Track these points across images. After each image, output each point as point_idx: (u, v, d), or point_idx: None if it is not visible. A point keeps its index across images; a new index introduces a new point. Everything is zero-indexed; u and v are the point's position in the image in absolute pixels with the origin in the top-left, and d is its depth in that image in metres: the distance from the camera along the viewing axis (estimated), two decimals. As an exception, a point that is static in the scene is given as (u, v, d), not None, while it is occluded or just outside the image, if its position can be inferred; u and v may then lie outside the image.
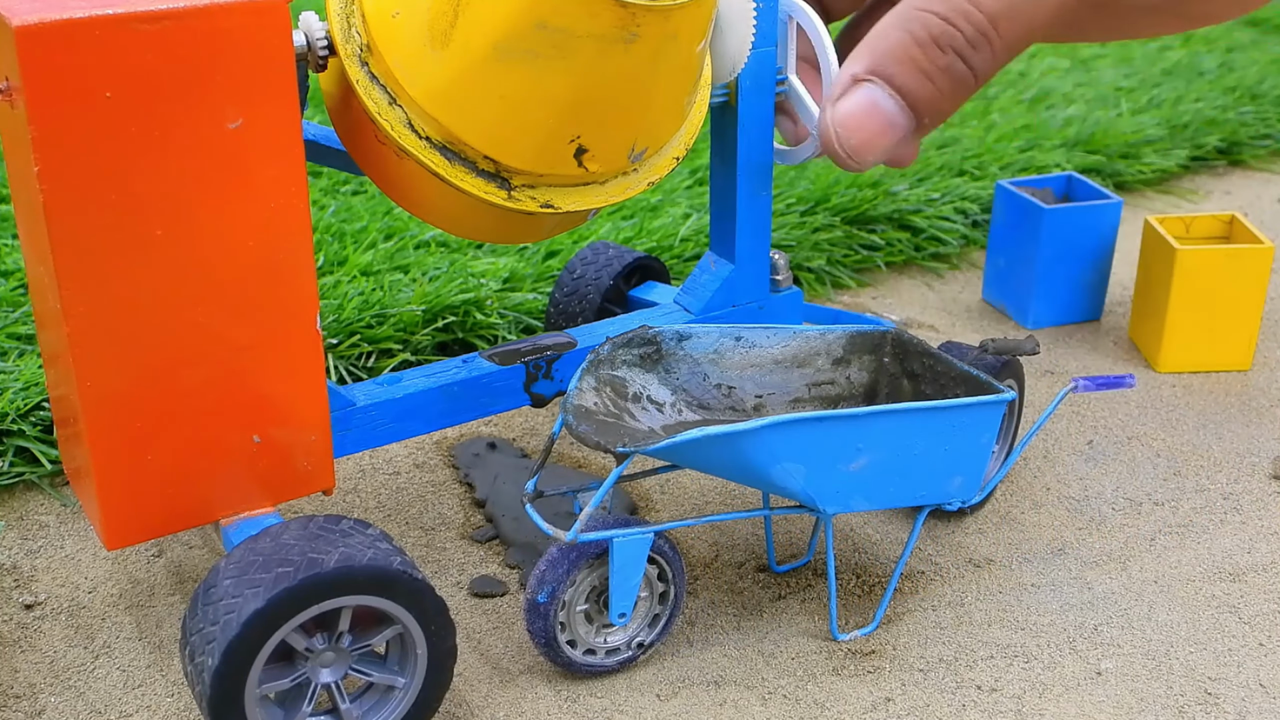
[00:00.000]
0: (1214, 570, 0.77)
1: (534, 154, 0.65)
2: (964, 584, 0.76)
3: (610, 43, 0.60)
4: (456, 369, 0.74)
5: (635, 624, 0.68)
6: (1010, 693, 0.68)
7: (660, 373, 0.71)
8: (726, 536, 0.80)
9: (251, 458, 0.63)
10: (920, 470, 0.68)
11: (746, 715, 0.66)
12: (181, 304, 0.59)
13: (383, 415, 0.71)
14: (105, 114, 0.55)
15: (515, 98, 0.62)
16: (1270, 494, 0.85)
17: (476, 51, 0.61)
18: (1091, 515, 0.82)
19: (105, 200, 0.56)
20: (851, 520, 0.81)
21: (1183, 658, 0.70)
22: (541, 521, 0.65)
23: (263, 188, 0.59)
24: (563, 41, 0.60)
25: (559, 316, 0.92)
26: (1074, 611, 0.74)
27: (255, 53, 0.57)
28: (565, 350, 0.74)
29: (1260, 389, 0.97)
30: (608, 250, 0.93)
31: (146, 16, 0.54)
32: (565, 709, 0.66)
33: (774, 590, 0.75)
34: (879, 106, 0.49)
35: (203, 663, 0.57)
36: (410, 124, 0.63)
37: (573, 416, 0.66)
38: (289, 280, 0.61)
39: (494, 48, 0.60)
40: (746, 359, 0.73)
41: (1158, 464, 0.88)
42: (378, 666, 0.62)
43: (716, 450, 0.63)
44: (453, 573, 0.76)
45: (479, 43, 0.61)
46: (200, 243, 0.59)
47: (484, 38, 0.60)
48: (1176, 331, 0.98)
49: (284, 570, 0.58)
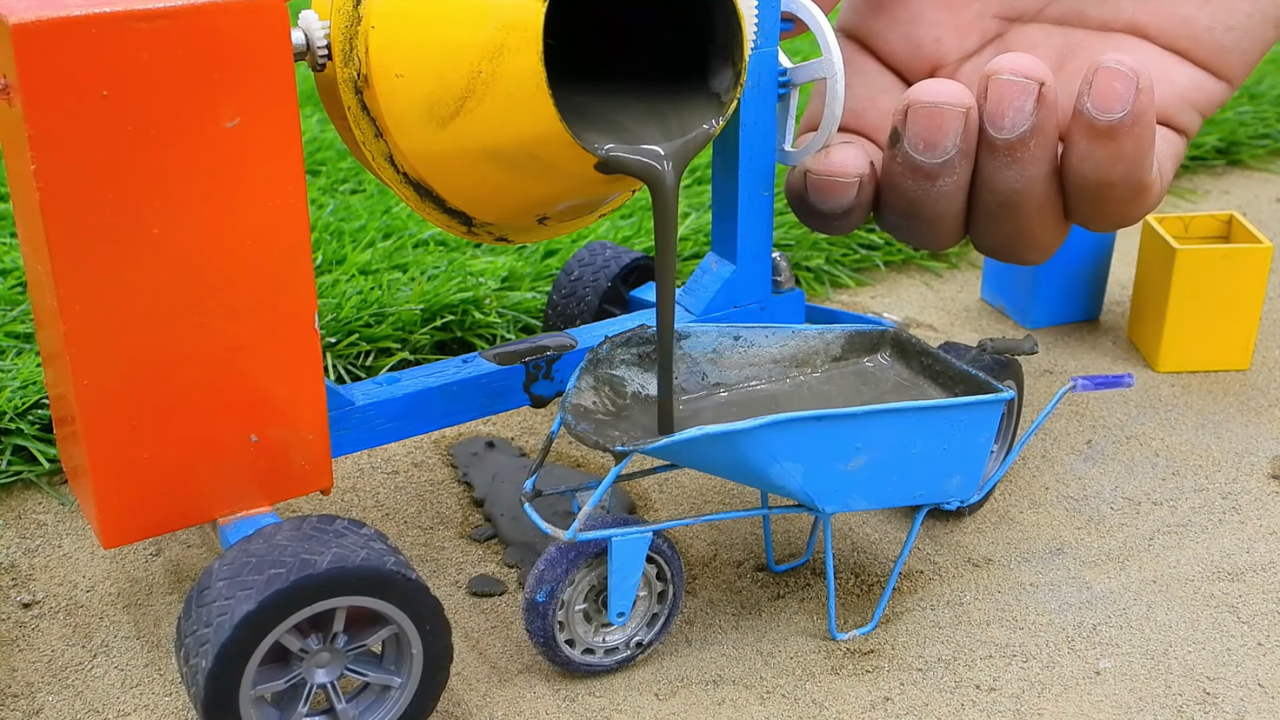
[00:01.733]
0: (1213, 570, 0.77)
1: (502, 219, 0.70)
2: (962, 583, 0.76)
3: (590, 179, 0.64)
4: (456, 369, 0.74)
5: (634, 623, 0.68)
6: (1009, 692, 0.68)
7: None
8: (725, 536, 0.80)
9: (249, 457, 0.63)
10: (919, 469, 0.68)
11: (745, 714, 0.66)
12: (178, 303, 0.59)
13: (381, 415, 0.71)
14: (102, 112, 0.55)
15: (496, 187, 0.66)
16: (1269, 493, 0.84)
17: (469, 147, 0.63)
18: (1090, 515, 0.82)
19: (102, 199, 0.56)
20: (850, 520, 0.81)
21: (1181, 657, 0.70)
22: (540, 521, 0.65)
23: (260, 187, 0.59)
24: (549, 169, 0.63)
25: (557, 319, 0.92)
26: (1072, 611, 0.74)
27: (253, 52, 0.57)
28: (565, 351, 0.74)
29: (1259, 389, 0.97)
30: (605, 251, 0.93)
31: (144, 15, 0.54)
32: (564, 708, 0.66)
33: (773, 589, 0.75)
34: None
35: (197, 664, 0.57)
36: (391, 158, 0.66)
37: (571, 415, 0.66)
38: (286, 279, 0.61)
39: (486, 152, 0.63)
40: (745, 358, 0.73)
41: (1156, 463, 0.88)
42: (373, 666, 0.62)
43: (715, 449, 0.63)
44: (451, 572, 0.76)
45: (473, 142, 0.63)
46: (197, 242, 0.59)
47: (479, 141, 0.63)
48: (1175, 331, 0.98)
49: (276, 572, 0.57)
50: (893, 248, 1.18)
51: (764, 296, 0.80)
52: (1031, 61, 0.67)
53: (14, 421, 0.82)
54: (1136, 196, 0.71)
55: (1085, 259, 1.06)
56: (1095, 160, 0.69)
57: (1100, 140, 0.68)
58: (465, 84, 0.60)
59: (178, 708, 0.66)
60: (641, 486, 0.85)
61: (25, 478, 0.82)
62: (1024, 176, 0.70)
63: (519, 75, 0.59)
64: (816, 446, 0.64)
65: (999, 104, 0.67)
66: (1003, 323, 1.08)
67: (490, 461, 0.86)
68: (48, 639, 0.70)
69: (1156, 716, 0.66)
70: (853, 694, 0.67)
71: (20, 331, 0.92)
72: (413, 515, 0.81)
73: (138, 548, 0.78)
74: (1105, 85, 0.66)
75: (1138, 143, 0.68)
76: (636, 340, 0.71)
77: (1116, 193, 0.70)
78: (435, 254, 1.07)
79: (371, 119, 0.65)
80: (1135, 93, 0.66)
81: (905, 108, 0.69)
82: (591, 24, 0.69)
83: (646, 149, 0.64)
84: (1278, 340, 1.04)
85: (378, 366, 0.95)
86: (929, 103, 0.68)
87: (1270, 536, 0.80)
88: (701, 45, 0.67)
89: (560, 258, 1.07)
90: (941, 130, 0.68)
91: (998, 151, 0.69)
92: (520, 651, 0.70)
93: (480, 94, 0.60)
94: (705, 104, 0.67)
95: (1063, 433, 0.91)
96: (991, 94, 0.68)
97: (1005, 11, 0.79)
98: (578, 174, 0.63)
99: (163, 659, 0.69)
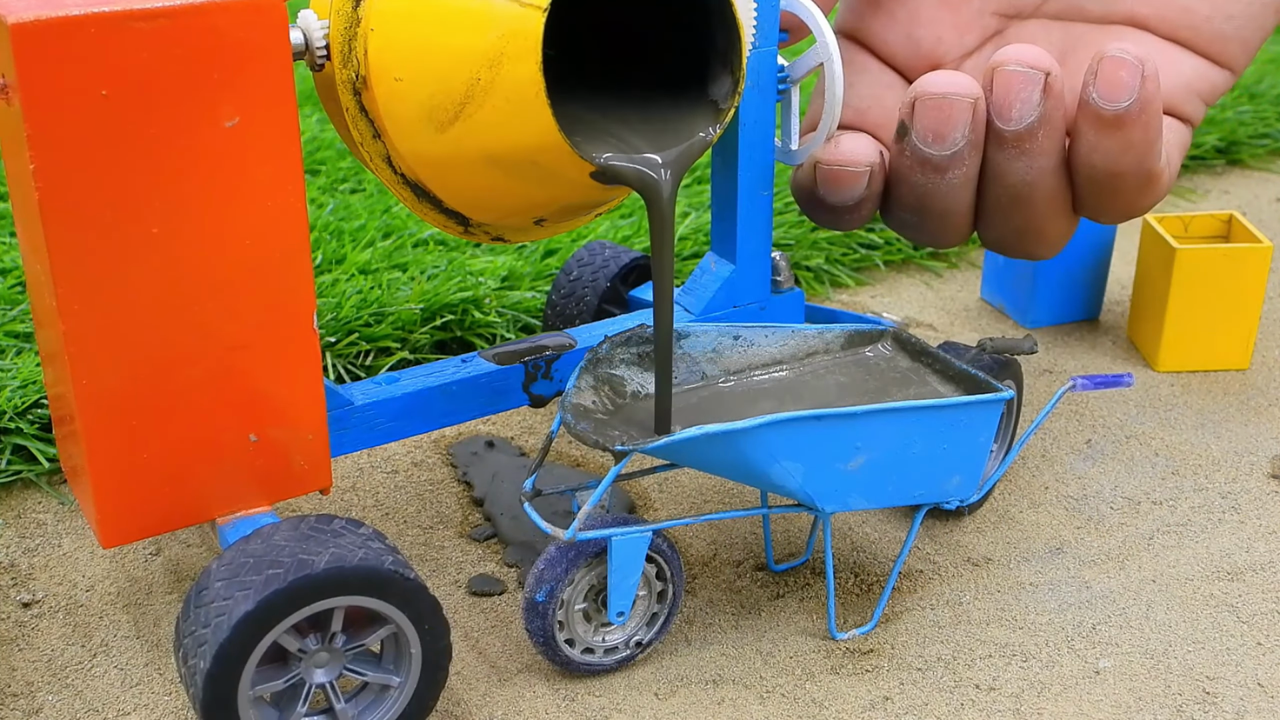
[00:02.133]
0: (1212, 569, 0.77)
1: (499, 220, 0.70)
2: (962, 583, 0.76)
3: (588, 184, 0.64)
4: (455, 368, 0.74)
5: (633, 623, 0.68)
6: (1008, 691, 0.68)
7: (658, 371, 0.71)
8: (725, 535, 0.80)
9: (248, 457, 0.63)
10: (918, 469, 0.68)
11: (744, 714, 0.66)
12: (177, 302, 0.59)
13: (380, 414, 0.71)
14: (101, 112, 0.55)
15: (494, 190, 0.66)
16: (1268, 493, 0.84)
17: (467, 151, 0.63)
18: (1090, 514, 0.82)
19: (101, 198, 0.56)
20: (850, 519, 0.81)
21: (1181, 657, 0.70)
22: (540, 520, 0.65)
23: (259, 186, 0.59)
24: (547, 175, 0.63)
25: (556, 319, 0.92)
26: (1072, 610, 0.74)
27: (252, 51, 0.57)
28: (565, 350, 0.74)
29: (1259, 388, 0.97)
30: (604, 251, 0.93)
31: (143, 14, 0.54)
32: (563, 708, 0.66)
33: (772, 589, 0.75)
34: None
35: (195, 665, 0.57)
36: (389, 159, 0.66)
37: (571, 415, 0.66)
38: (286, 279, 0.61)
39: (484, 157, 0.63)
40: (744, 358, 0.73)
41: (1156, 463, 0.88)
42: (372, 666, 0.62)
43: (714, 449, 0.63)
44: (450, 571, 0.76)
45: (471, 147, 0.63)
46: (196, 241, 0.59)
47: (477, 146, 0.63)
48: (1175, 331, 0.98)
49: (274, 572, 0.57)
50: (893, 247, 1.18)
51: (763, 296, 0.80)
52: (1037, 52, 0.67)
53: (14, 421, 0.82)
54: (1146, 186, 0.71)
55: (1085, 259, 1.06)
56: (1104, 151, 0.69)
57: (1108, 130, 0.68)
58: (464, 90, 0.60)
59: (177, 707, 0.66)
60: (641, 486, 0.85)
61: (25, 477, 0.82)
62: (1033, 168, 0.69)
63: (518, 84, 0.59)
64: (816, 446, 0.64)
65: (1005, 95, 0.67)
66: (1002, 322, 1.08)
67: (490, 461, 0.86)
68: (47, 638, 0.70)
69: (1156, 716, 0.66)
70: (852, 693, 0.67)
71: (20, 331, 0.92)
72: (412, 515, 0.81)
73: (137, 547, 0.78)
74: (1111, 74, 0.66)
75: (1145, 131, 0.68)
76: (636, 340, 0.71)
77: (1126, 183, 0.70)
78: (435, 253, 1.07)
79: (370, 120, 0.65)
80: (1141, 80, 0.66)
81: (913, 100, 0.68)
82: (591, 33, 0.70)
83: (644, 158, 0.64)
84: (1277, 340, 1.04)
85: (377, 366, 0.95)
86: (937, 94, 0.67)
87: (1270, 536, 0.80)
88: (701, 54, 0.67)
89: (560, 257, 1.07)
90: (950, 121, 0.68)
91: (1006, 143, 0.69)
92: (520, 651, 0.70)
93: (479, 100, 0.60)
94: (703, 112, 0.67)
95: (1062, 432, 0.91)
96: (998, 85, 0.67)
97: (1004, 8, 0.79)
98: (575, 180, 0.63)
99: (162, 658, 0.69)
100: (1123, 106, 0.67)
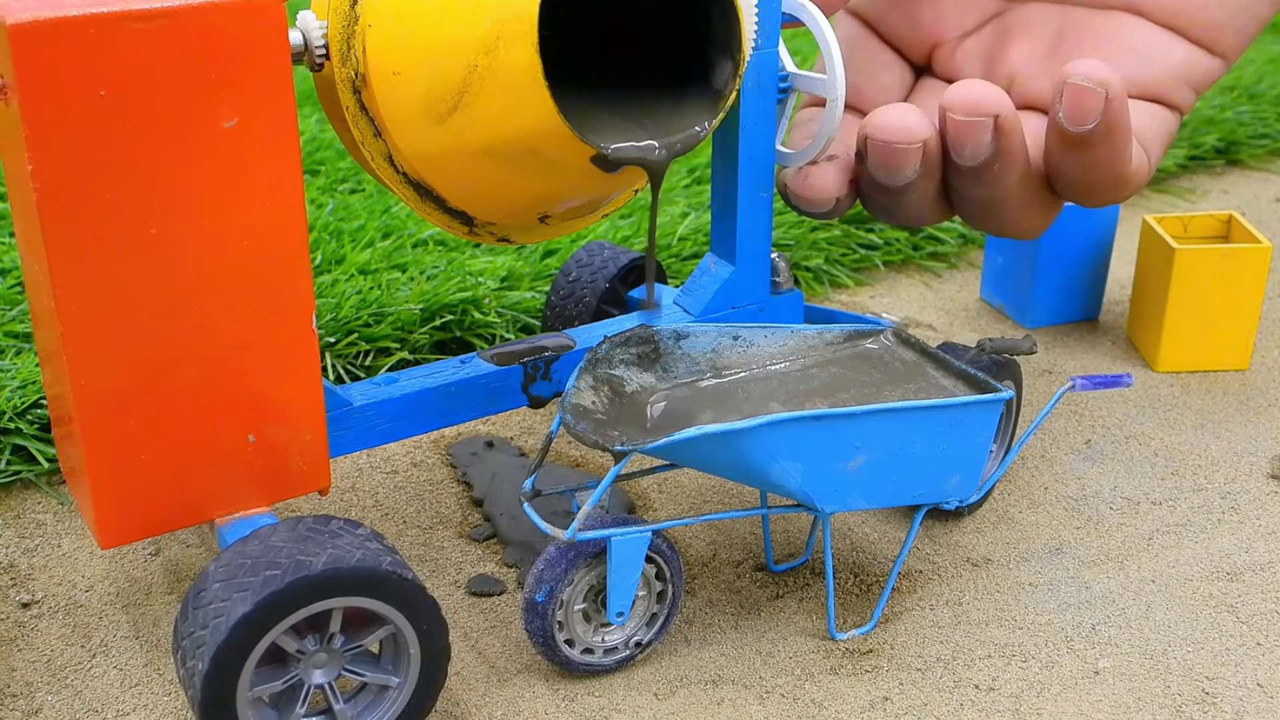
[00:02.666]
0: (1212, 570, 0.77)
1: (503, 218, 0.70)
2: (961, 583, 0.76)
3: (590, 174, 0.64)
4: (454, 369, 0.74)
5: (633, 623, 0.68)
6: (1008, 692, 0.68)
7: (658, 371, 0.71)
8: (724, 535, 0.80)
9: (246, 457, 0.63)
10: (918, 469, 0.68)
11: (744, 714, 0.66)
12: (176, 303, 0.59)
13: (380, 415, 0.71)
14: (99, 112, 0.54)
15: (495, 185, 0.66)
16: (1268, 493, 0.84)
17: (467, 143, 0.63)
18: (1089, 514, 0.82)
19: (99, 199, 0.56)
20: (849, 519, 0.81)
21: (1180, 657, 0.70)
22: (539, 520, 0.65)
23: (258, 187, 0.59)
24: (548, 164, 0.64)
25: (555, 320, 0.92)
26: (1072, 611, 0.74)
27: (250, 51, 0.57)
28: (564, 351, 0.74)
29: (1258, 388, 0.97)
30: (603, 251, 0.93)
31: (141, 15, 0.54)
32: (563, 708, 0.66)
33: (772, 589, 0.75)
34: None
35: (194, 667, 0.57)
36: (390, 158, 0.66)
37: (570, 415, 0.66)
38: (284, 279, 0.61)
39: (484, 149, 0.63)
40: (744, 357, 0.73)
41: (1155, 463, 0.88)
42: (371, 666, 0.62)
43: (714, 449, 0.63)
44: (450, 571, 0.76)
45: (471, 138, 0.63)
46: (195, 242, 0.58)
47: (477, 137, 0.63)
48: (1174, 331, 0.98)
49: (272, 573, 0.57)
50: (892, 248, 1.18)
51: (763, 297, 0.80)
52: (982, 92, 0.67)
53: (13, 421, 0.82)
54: (1118, 186, 0.72)
55: (1084, 259, 1.06)
56: (1072, 164, 0.70)
57: (1074, 148, 0.69)
58: (462, 79, 0.60)
59: (177, 707, 0.66)
60: (641, 486, 0.84)
61: (24, 477, 0.82)
62: (996, 188, 0.70)
63: (515, 68, 0.59)
64: (816, 446, 0.64)
65: (956, 138, 0.68)
66: (1002, 322, 1.08)
67: (489, 461, 0.86)
68: (47, 639, 0.70)
69: (1155, 716, 0.66)
70: (852, 694, 0.67)
71: (19, 331, 0.92)
72: (412, 515, 0.81)
73: (136, 547, 0.78)
74: (1074, 100, 0.67)
75: (1112, 148, 0.69)
76: (635, 340, 0.71)
77: (1099, 185, 0.71)
78: (434, 254, 1.07)
79: (370, 118, 0.65)
80: (1104, 103, 0.67)
81: (864, 137, 0.70)
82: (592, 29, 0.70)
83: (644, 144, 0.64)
84: (1277, 340, 1.04)
85: (377, 366, 0.95)
86: (882, 141, 0.68)
87: (1269, 536, 0.80)
88: (701, 45, 0.67)
89: (559, 257, 1.07)
90: (898, 162, 0.69)
91: (964, 173, 0.70)
92: (519, 651, 0.70)
93: (477, 88, 0.60)
94: (705, 101, 0.67)
95: (1062, 432, 0.91)
96: (950, 129, 0.68)
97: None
98: (577, 169, 0.63)
99: (162, 659, 0.69)
100: (1087, 129, 0.67)
